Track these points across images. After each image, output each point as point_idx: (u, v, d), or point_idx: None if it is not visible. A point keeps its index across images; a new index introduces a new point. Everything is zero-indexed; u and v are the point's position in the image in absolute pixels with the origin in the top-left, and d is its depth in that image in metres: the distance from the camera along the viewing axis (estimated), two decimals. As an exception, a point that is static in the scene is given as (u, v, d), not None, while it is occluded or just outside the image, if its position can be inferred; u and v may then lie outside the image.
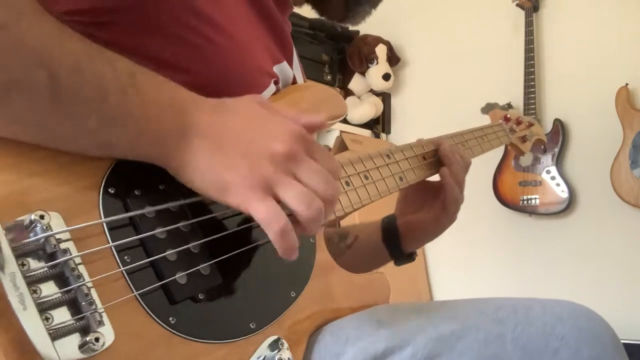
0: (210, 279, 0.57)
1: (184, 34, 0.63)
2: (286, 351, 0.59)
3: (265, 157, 0.53)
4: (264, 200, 0.52)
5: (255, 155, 0.53)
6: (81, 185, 0.51)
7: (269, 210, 0.52)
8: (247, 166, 0.53)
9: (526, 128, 1.25)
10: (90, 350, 0.44)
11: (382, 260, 0.98)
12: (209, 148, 0.54)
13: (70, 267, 0.46)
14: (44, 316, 0.43)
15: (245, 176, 0.52)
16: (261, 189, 0.52)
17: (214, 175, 0.53)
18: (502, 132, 1.16)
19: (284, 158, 0.54)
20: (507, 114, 1.21)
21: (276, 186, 0.53)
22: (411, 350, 0.61)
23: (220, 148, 0.54)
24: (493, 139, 1.10)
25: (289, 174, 0.54)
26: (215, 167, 0.53)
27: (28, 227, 0.46)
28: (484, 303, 0.66)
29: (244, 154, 0.53)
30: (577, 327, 0.60)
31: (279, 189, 0.53)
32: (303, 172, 0.55)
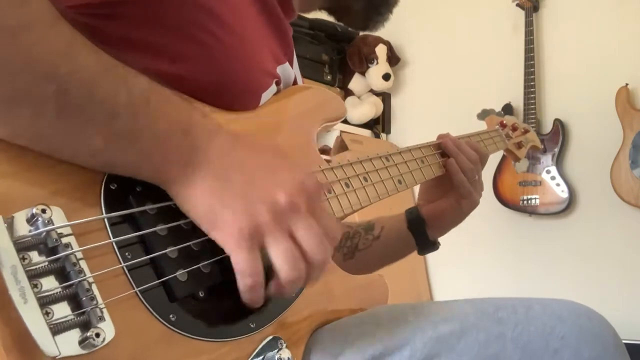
0: (211, 277, 0.57)
1: (191, 29, 0.63)
2: (286, 350, 0.59)
3: (265, 203, 0.52)
4: (248, 250, 0.51)
5: (255, 199, 0.52)
6: (83, 180, 0.51)
7: (248, 263, 0.51)
8: (243, 209, 0.52)
9: (522, 134, 1.27)
10: (91, 345, 0.44)
11: (408, 249, 1.01)
12: (210, 183, 0.53)
13: (71, 262, 0.46)
14: (45, 310, 0.43)
15: (238, 219, 0.51)
16: (249, 236, 0.51)
17: (208, 209, 0.52)
18: (498, 138, 1.17)
19: (283, 209, 0.53)
20: (504, 120, 1.23)
21: (267, 236, 0.52)
22: (410, 350, 0.61)
23: (222, 184, 0.53)
24: (490, 145, 1.12)
25: (283, 227, 0.53)
26: (213, 202, 0.52)
27: (29, 221, 0.45)
28: (484, 303, 0.66)
29: (244, 194, 0.53)
30: (578, 326, 0.60)
31: (269, 240, 0.52)
32: (299, 228, 0.53)
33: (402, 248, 1.01)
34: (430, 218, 0.99)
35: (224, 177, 0.53)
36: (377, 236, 1.00)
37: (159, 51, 0.61)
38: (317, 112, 0.80)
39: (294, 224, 0.53)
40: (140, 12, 0.61)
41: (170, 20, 0.62)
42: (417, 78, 3.03)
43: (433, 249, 1.01)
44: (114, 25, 0.60)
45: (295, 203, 0.53)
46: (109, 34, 0.54)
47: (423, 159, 0.93)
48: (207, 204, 0.52)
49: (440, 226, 1.00)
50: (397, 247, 1.02)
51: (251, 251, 0.51)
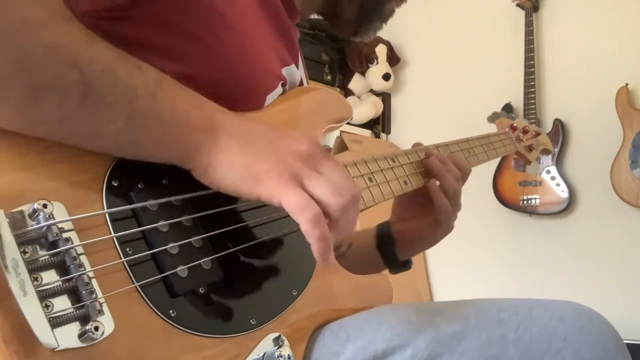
0: (212, 273, 0.57)
1: (196, 30, 0.64)
2: (287, 348, 0.59)
3: (290, 154, 0.56)
4: (295, 189, 0.53)
5: (281, 152, 0.56)
6: (85, 176, 0.52)
7: (301, 198, 0.53)
8: (276, 160, 0.55)
9: (533, 137, 1.25)
10: (90, 339, 0.44)
11: (376, 268, 0.96)
12: (238, 144, 0.55)
13: (71, 256, 0.46)
14: (44, 303, 0.43)
15: (275, 166, 0.54)
16: (291, 179, 0.54)
17: (245, 168, 0.54)
18: (508, 141, 1.16)
19: (307, 155, 0.56)
20: (514, 123, 1.22)
21: (304, 178, 0.55)
22: (412, 350, 0.60)
23: (249, 144, 0.56)
24: (499, 147, 1.11)
25: (312, 168, 0.56)
26: (246, 160, 0.55)
27: (31, 215, 0.46)
28: (485, 304, 0.66)
29: (270, 149, 0.56)
30: (580, 327, 0.60)
31: (307, 180, 0.55)
32: (326, 169, 0.57)
33: (370, 266, 0.96)
34: (401, 238, 0.94)
35: (247, 140, 0.56)
36: (343, 253, 0.96)
37: (166, 52, 0.62)
38: (322, 113, 0.80)
39: (320, 166, 0.57)
40: (147, 14, 0.62)
41: (176, 21, 0.63)
42: (417, 78, 3.04)
43: (405, 268, 0.96)
44: (123, 27, 0.61)
45: (315, 150, 0.57)
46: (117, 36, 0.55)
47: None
48: (241, 164, 0.55)
49: (410, 248, 0.95)
50: (364, 264, 0.95)
51: (298, 189, 0.54)
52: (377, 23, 0.91)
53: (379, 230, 0.96)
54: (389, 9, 0.91)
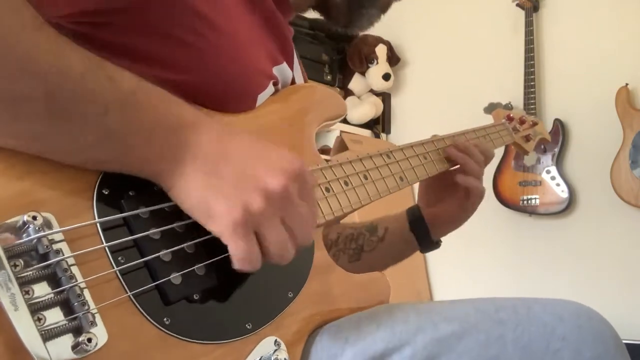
0: (206, 279, 0.56)
1: (181, 33, 0.63)
2: (283, 352, 0.59)
3: (257, 191, 0.53)
4: (244, 238, 0.52)
5: (248, 186, 0.53)
6: (75, 186, 0.51)
7: (246, 251, 0.52)
8: (236, 198, 0.52)
9: (530, 127, 1.25)
10: (83, 350, 0.44)
11: (411, 249, 1.01)
12: (202, 175, 0.53)
13: (62, 268, 0.46)
14: (36, 317, 0.43)
15: (232, 209, 0.52)
16: (245, 225, 0.52)
17: (201, 202, 0.53)
18: (505, 132, 1.15)
19: (276, 196, 0.53)
20: (510, 114, 1.21)
21: (261, 226, 0.53)
22: (410, 350, 0.61)
23: (214, 176, 0.53)
24: (496, 139, 1.10)
25: (276, 214, 0.54)
26: (205, 194, 0.53)
27: (21, 228, 0.45)
28: (484, 303, 0.66)
29: (236, 183, 0.53)
30: (579, 327, 0.60)
31: (263, 230, 0.53)
32: (289, 216, 0.55)
33: (406, 249, 1.01)
34: (432, 220, 0.98)
35: (215, 169, 0.54)
36: (382, 237, 1.00)
37: (152, 57, 0.62)
38: (316, 110, 0.79)
39: (286, 211, 0.55)
40: (131, 19, 0.61)
41: (160, 26, 0.62)
42: (417, 78, 3.03)
43: (436, 247, 1.01)
44: (108, 33, 0.60)
45: (287, 189, 0.54)
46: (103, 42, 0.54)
47: (425, 155, 0.91)
48: (199, 196, 0.53)
49: (441, 229, 0.99)
50: (401, 248, 1.01)
51: (248, 239, 0.52)
52: (370, 10, 0.88)
53: (409, 214, 1.00)
54: None
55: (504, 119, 1.20)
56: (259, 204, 0.52)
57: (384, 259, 1.00)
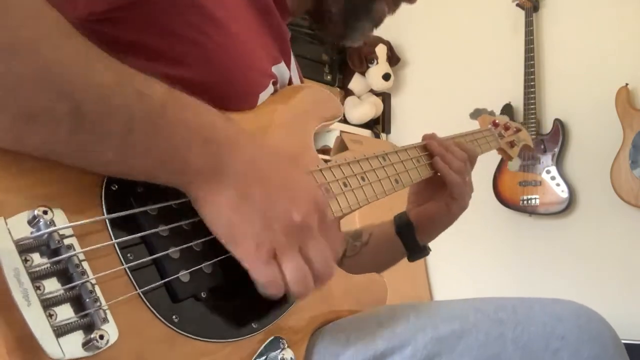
0: (213, 277, 0.57)
1: (186, 31, 0.63)
2: (288, 350, 0.59)
3: (281, 222, 0.54)
4: (266, 265, 0.53)
5: (273, 216, 0.54)
6: (84, 181, 0.51)
7: (268, 276, 0.53)
8: (261, 226, 0.53)
9: (514, 133, 1.26)
10: (94, 347, 0.44)
11: (398, 255, 0.99)
12: (234, 197, 0.53)
13: (74, 264, 0.46)
14: (48, 313, 0.43)
15: (258, 233, 0.53)
16: (267, 251, 0.53)
17: (227, 224, 0.53)
18: (491, 137, 1.17)
19: (297, 228, 0.54)
20: (496, 119, 1.23)
21: (282, 255, 0.54)
22: (411, 350, 0.61)
23: (244, 200, 0.53)
24: (483, 144, 1.11)
25: (296, 245, 0.55)
26: (232, 217, 0.53)
27: (31, 222, 0.45)
28: (484, 303, 0.66)
29: (262, 211, 0.53)
30: (578, 327, 0.60)
31: (283, 259, 0.54)
32: (310, 248, 0.55)
33: (391, 254, 1.00)
34: (419, 222, 0.98)
35: (244, 191, 0.54)
36: (365, 242, 0.99)
37: (159, 54, 0.62)
38: (314, 111, 0.80)
39: (306, 244, 0.55)
40: (139, 17, 0.61)
41: (167, 23, 0.63)
42: (417, 78, 3.03)
43: (423, 254, 1.00)
44: (116, 30, 0.60)
45: (308, 223, 0.55)
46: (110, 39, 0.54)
47: (419, 158, 0.93)
48: (227, 218, 0.53)
49: (429, 230, 0.98)
50: (386, 253, 1.00)
51: (269, 265, 0.53)
52: (365, 23, 0.88)
53: (396, 219, 0.99)
54: (379, 10, 0.88)
55: (490, 125, 1.21)
56: (280, 235, 0.53)
57: (367, 264, 0.98)
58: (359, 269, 0.95)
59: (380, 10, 0.88)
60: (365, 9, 0.87)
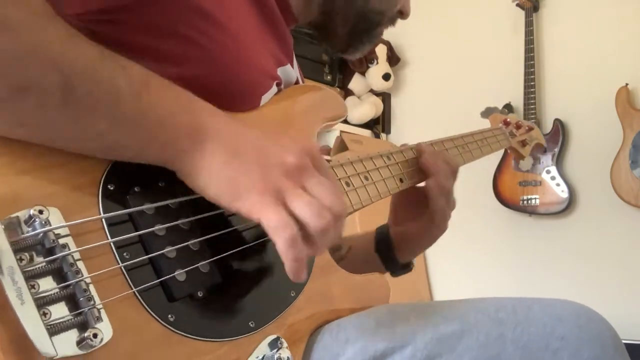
0: (210, 276, 0.56)
1: (188, 32, 0.63)
2: (285, 350, 0.59)
3: (277, 166, 0.54)
4: (275, 207, 0.52)
5: (268, 164, 0.54)
6: (81, 181, 0.51)
7: (280, 217, 0.51)
8: (260, 175, 0.53)
9: (526, 132, 1.25)
10: (88, 346, 0.44)
11: (376, 270, 0.93)
12: (224, 153, 0.54)
13: (68, 263, 0.46)
14: (42, 311, 0.43)
15: (258, 181, 0.53)
16: (273, 196, 0.52)
17: (226, 181, 0.53)
18: (502, 136, 1.16)
19: (294, 169, 0.54)
20: (507, 118, 1.22)
21: (287, 195, 0.53)
22: (411, 350, 0.61)
23: (235, 153, 0.54)
24: (493, 143, 1.10)
25: (299, 184, 0.54)
26: (229, 172, 0.53)
27: (27, 222, 0.45)
28: (484, 303, 0.66)
29: (256, 161, 0.54)
30: (578, 327, 0.60)
31: (290, 198, 0.53)
32: (313, 185, 0.55)
33: (370, 269, 0.91)
34: (400, 241, 0.93)
35: (234, 149, 0.54)
36: (343, 256, 0.95)
37: (160, 56, 0.62)
38: (318, 111, 0.80)
39: (307, 181, 0.55)
40: (139, 18, 0.61)
41: (168, 25, 0.63)
42: (417, 78, 3.03)
43: (405, 271, 0.96)
44: (115, 31, 0.60)
45: (304, 163, 0.55)
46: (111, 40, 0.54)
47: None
48: (224, 177, 0.53)
49: (409, 250, 0.94)
50: (364, 268, 0.92)
51: (278, 207, 0.52)
52: (366, 45, 0.92)
53: (378, 233, 0.95)
54: (379, 32, 0.92)
55: (501, 124, 1.20)
56: (280, 178, 0.53)
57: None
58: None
59: (380, 32, 0.92)
60: (368, 32, 0.90)
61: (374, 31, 0.90)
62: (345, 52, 0.93)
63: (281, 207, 0.52)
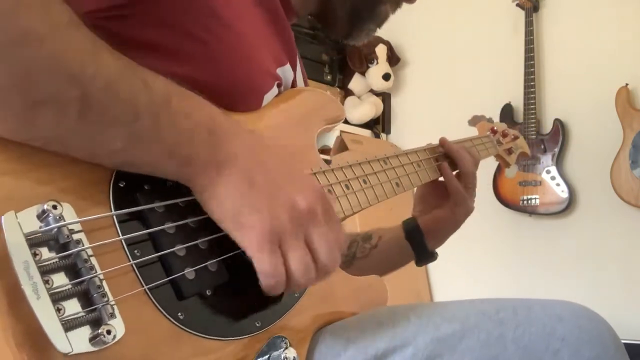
0: (218, 275, 0.57)
1: (194, 29, 0.63)
2: (291, 349, 0.59)
3: (286, 208, 0.54)
4: (270, 253, 0.53)
5: (278, 202, 0.54)
6: (92, 177, 0.51)
7: (272, 266, 0.53)
8: (267, 213, 0.53)
9: (512, 141, 1.28)
10: (102, 342, 0.44)
11: (406, 259, 1.02)
12: (239, 184, 0.54)
13: (82, 259, 0.46)
14: (56, 307, 0.43)
15: (262, 223, 0.53)
16: (271, 241, 0.53)
17: (232, 213, 0.53)
18: (490, 144, 1.19)
19: (302, 215, 0.55)
20: (494, 127, 1.25)
21: (285, 243, 0.54)
22: (412, 350, 0.61)
23: (250, 187, 0.54)
24: (482, 150, 1.13)
25: (301, 233, 0.55)
26: (238, 206, 0.53)
27: (40, 217, 0.45)
28: (484, 304, 0.66)
29: (268, 197, 0.54)
30: (578, 327, 0.60)
31: (287, 247, 0.54)
32: (314, 235, 0.56)
33: (400, 257, 1.02)
34: (427, 229, 1.00)
35: (249, 178, 0.54)
36: (375, 245, 1.01)
37: (166, 53, 0.62)
38: (318, 113, 0.81)
39: (311, 232, 0.56)
40: (147, 14, 0.61)
41: (175, 21, 0.63)
42: (417, 78, 3.03)
43: (431, 259, 1.02)
44: (123, 27, 0.60)
45: (313, 209, 0.56)
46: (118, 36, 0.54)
47: (419, 162, 0.94)
48: (232, 205, 0.53)
49: (437, 236, 1.01)
50: (395, 256, 1.02)
51: (273, 254, 0.53)
52: (370, 25, 0.90)
53: (405, 225, 1.01)
54: (383, 12, 0.90)
55: (489, 132, 1.22)
56: (285, 222, 0.53)
57: (376, 266, 1.00)
58: (368, 270, 0.96)
59: (384, 12, 0.90)
60: (369, 11, 0.89)
61: (376, 9, 0.89)
62: (350, 36, 0.92)
63: (278, 253, 0.53)
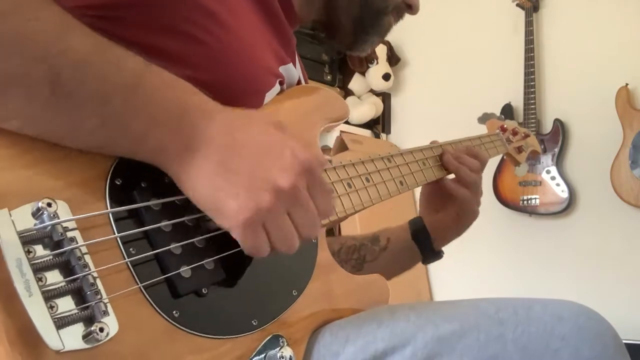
0: (214, 274, 0.57)
1: (191, 30, 0.63)
2: (288, 348, 0.59)
3: (267, 189, 0.52)
4: (254, 233, 0.52)
5: (258, 184, 0.52)
6: (88, 175, 0.51)
7: (254, 241, 0.53)
8: (247, 196, 0.52)
9: (522, 139, 1.26)
10: (94, 340, 0.44)
11: (414, 259, 1.02)
12: (213, 167, 0.52)
13: (76, 256, 0.46)
14: (49, 304, 0.43)
15: (242, 207, 0.51)
16: (253, 220, 0.52)
17: (211, 195, 0.52)
18: (499, 142, 1.17)
19: (285, 194, 0.53)
20: (504, 124, 1.23)
21: (268, 222, 0.53)
22: (411, 349, 0.61)
23: (225, 170, 0.52)
24: (490, 148, 1.12)
25: (283, 210, 0.54)
26: (215, 188, 0.52)
27: (35, 214, 0.45)
28: (484, 303, 0.66)
29: (247, 180, 0.52)
30: (578, 327, 0.60)
31: (270, 226, 0.53)
32: (296, 212, 0.55)
33: (408, 258, 1.02)
34: (433, 230, 1.00)
35: (225, 163, 0.53)
36: (384, 247, 1.01)
37: (163, 54, 0.62)
38: (320, 112, 0.80)
39: (293, 207, 0.55)
40: (140, 15, 0.61)
41: (168, 20, 0.63)
42: (417, 78, 3.03)
43: (437, 258, 1.03)
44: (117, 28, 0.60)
45: (296, 187, 0.54)
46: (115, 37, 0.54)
47: (424, 160, 0.93)
48: (209, 190, 0.52)
49: (443, 238, 1.01)
50: (404, 257, 1.02)
51: (256, 235, 0.53)
52: (373, 37, 0.90)
53: (412, 224, 1.01)
54: (387, 23, 0.89)
55: (498, 130, 1.21)
56: (268, 202, 0.52)
57: (387, 268, 0.99)
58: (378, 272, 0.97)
59: (387, 23, 0.90)
60: (373, 22, 0.88)
61: (380, 21, 0.88)
62: (353, 47, 0.91)
63: (260, 231, 0.53)
